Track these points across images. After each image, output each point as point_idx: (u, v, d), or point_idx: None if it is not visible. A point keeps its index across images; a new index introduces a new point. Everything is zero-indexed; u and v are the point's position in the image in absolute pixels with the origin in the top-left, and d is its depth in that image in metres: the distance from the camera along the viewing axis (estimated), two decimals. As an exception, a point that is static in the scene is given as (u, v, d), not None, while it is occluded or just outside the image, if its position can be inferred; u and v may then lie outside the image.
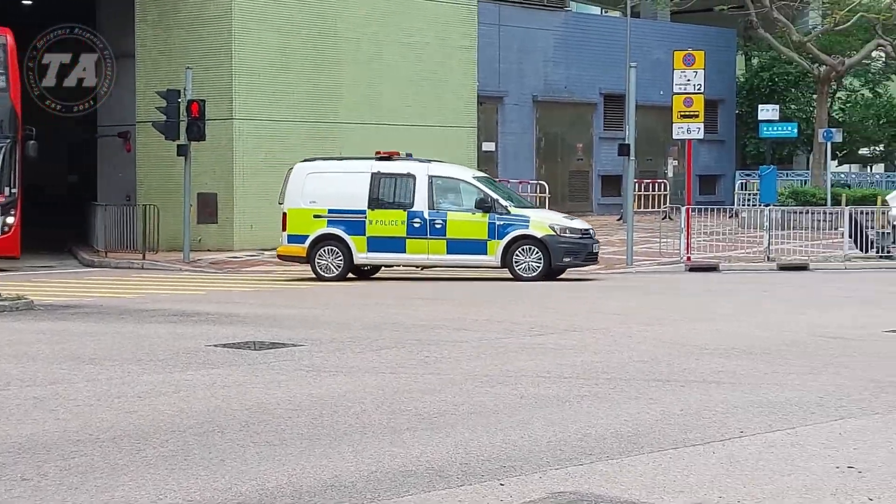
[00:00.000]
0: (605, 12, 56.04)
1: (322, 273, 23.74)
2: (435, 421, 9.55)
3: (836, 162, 61.46)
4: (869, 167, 70.38)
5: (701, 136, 28.81)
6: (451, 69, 34.76)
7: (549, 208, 38.93)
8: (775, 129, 41.64)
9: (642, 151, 43.59)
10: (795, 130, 42.64)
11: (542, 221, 24.12)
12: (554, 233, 23.74)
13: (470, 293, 21.45)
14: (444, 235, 23.71)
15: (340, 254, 23.83)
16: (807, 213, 31.39)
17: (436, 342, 14.02)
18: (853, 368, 12.37)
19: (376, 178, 24.06)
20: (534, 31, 43.71)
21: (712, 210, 31.63)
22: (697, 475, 7.93)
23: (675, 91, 28.08)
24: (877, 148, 62.95)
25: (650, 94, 41.83)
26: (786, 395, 10.79)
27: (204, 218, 30.21)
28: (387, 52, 33.15)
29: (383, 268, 25.00)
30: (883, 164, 69.04)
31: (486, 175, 27.49)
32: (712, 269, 26.77)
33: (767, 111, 40.29)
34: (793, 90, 52.22)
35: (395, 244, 23.81)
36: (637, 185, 40.87)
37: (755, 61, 54.78)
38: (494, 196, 24.18)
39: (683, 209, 28.10)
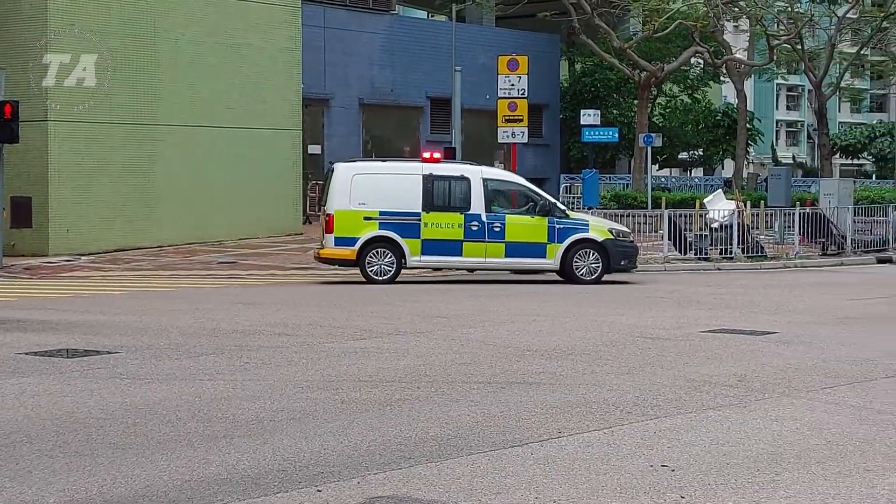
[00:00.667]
0: (432, 16, 56.44)
1: (373, 276, 23.49)
2: (252, 428, 9.36)
3: (656, 166, 62.97)
4: (688, 171, 72.31)
5: (525, 139, 29.15)
6: (274, 71, 34.39)
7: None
8: (597, 133, 42.42)
9: (469, 155, 43.85)
10: (617, 135, 43.51)
11: (601, 226, 24.90)
12: (613, 237, 24.50)
13: (293, 295, 21.18)
14: (503, 239, 23.91)
15: (392, 256, 23.68)
16: (628, 215, 31.97)
17: (256, 347, 13.79)
18: (669, 368, 12.59)
19: (428, 180, 23.92)
20: (359, 33, 43.64)
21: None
22: (515, 476, 7.93)
23: (499, 95, 28.33)
24: (696, 152, 64.67)
25: (477, 99, 42.18)
26: (604, 395, 10.90)
27: (18, 222, 29.21)
28: (208, 53, 32.57)
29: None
30: (702, 168, 71.05)
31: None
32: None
33: (589, 116, 41.01)
34: (615, 95, 53.28)
35: (452, 247, 23.88)
36: (463, 188, 41.17)
37: (578, 67, 55.77)
38: (552, 200, 24.98)
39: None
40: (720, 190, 35.10)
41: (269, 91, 34.19)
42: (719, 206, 30.57)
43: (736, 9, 47.78)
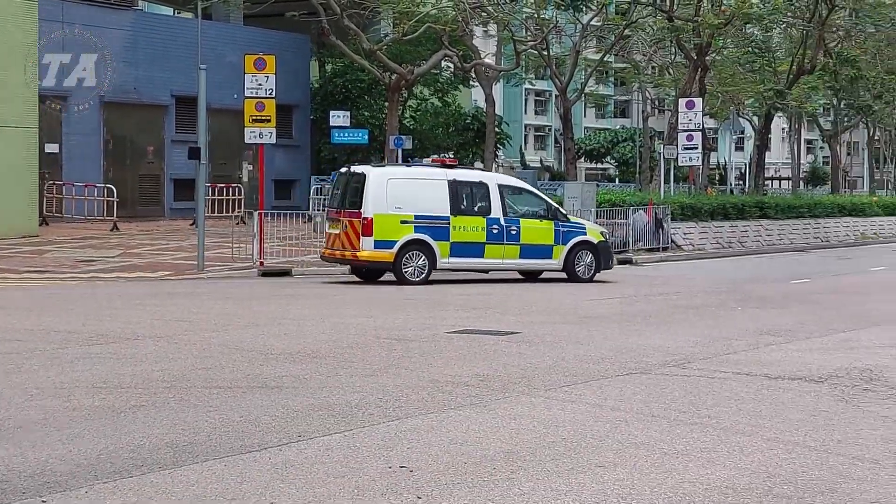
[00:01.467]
0: (178, 13, 55.33)
1: (408, 278, 24.46)
2: (-25, 439, 8.88)
3: (407, 168, 63.49)
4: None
5: (273, 140, 28.77)
6: (9, 67, 33.02)
7: (117, 213, 38.01)
8: (347, 135, 42.43)
9: (217, 155, 43.34)
10: (366, 137, 43.64)
11: (595, 229, 27.57)
12: (603, 239, 27.33)
13: (26, 300, 20.34)
14: (519, 241, 25.78)
15: (425, 259, 24.76)
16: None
17: (-15, 354, 13.14)
18: (413, 369, 12.62)
19: (453, 185, 25.29)
20: (101, 29, 42.32)
21: (287, 215, 31.71)
22: (251, 482, 7.76)
23: (246, 95, 27.92)
24: (446, 155, 65.57)
25: (224, 98, 41.57)
26: (347, 397, 10.83)
27: None
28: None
29: None
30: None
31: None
32: (285, 273, 26.88)
33: (339, 117, 40.97)
34: (366, 97, 53.40)
35: (476, 249, 25.42)
36: (211, 189, 40.51)
37: (329, 68, 55.68)
38: (555, 205, 27.32)
39: (256, 214, 27.98)
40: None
41: (3, 87, 32.81)
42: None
43: (484, 14, 48.60)
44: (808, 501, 7.53)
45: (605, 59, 61.06)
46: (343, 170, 26.89)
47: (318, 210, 38.34)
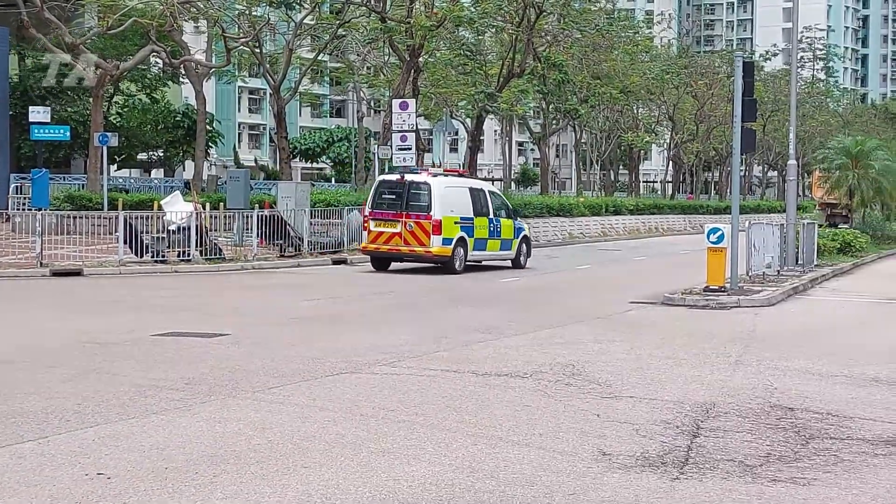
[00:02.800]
0: None
1: (456, 268, 29.59)
2: None
3: (115, 166, 61.78)
4: (149, 172, 71.56)
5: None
6: None
7: None
8: (47, 131, 40.81)
9: None
10: (68, 133, 42.13)
11: (526, 225, 34.04)
12: (528, 234, 34.07)
13: None
14: (500, 237, 31.74)
15: (464, 252, 30.11)
16: (83, 217, 30.98)
17: None
18: (116, 374, 12.19)
19: (470, 191, 31.08)
20: None
21: (-18, 214, 30.25)
22: (-67, 498, 7.27)
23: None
24: (155, 153, 64.10)
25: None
26: (42, 404, 10.34)
27: None
28: None
29: None
30: (162, 170, 70.53)
31: None
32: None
33: (39, 113, 39.31)
34: (69, 93, 51.59)
35: (484, 244, 31.11)
36: None
37: (29, 62, 53.52)
38: (512, 206, 33.82)
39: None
40: (178, 192, 34.81)
41: None
42: (177, 208, 30.29)
43: (194, 9, 47.72)
44: (510, 495, 7.63)
45: (320, 58, 61.01)
46: (387, 177, 31.29)
47: (17, 209, 36.80)
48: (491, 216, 31.28)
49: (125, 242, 28.70)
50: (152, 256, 28.92)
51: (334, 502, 7.36)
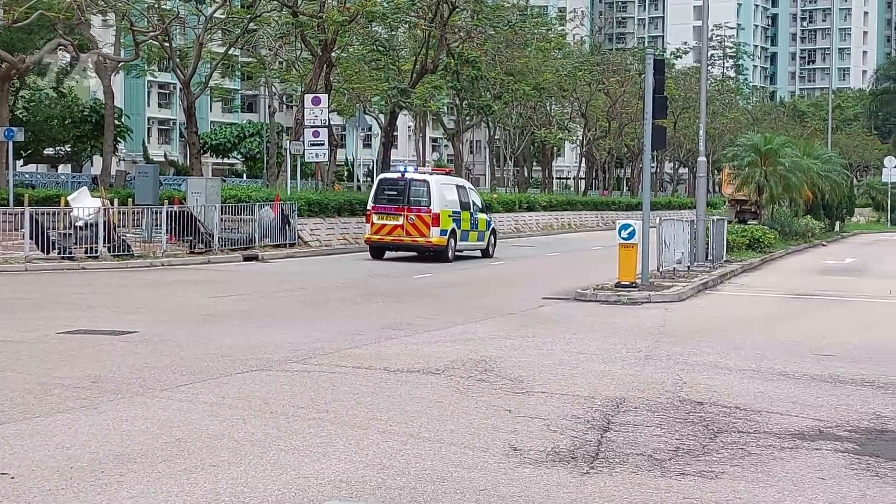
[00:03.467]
0: None
1: (449, 257, 33.58)
2: None
3: (21, 161, 60.73)
4: (56, 167, 70.43)
5: None
6: None
7: None
8: (-51, 125, 39.97)
9: None
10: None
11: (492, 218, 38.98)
12: (496, 227, 38.79)
13: None
14: (477, 229, 35.92)
15: (454, 242, 34.05)
16: (-13, 213, 30.40)
17: None
18: (20, 372, 11.99)
19: (457, 188, 35.33)
20: None
21: None
22: None
23: None
24: (62, 148, 63.09)
25: None
26: (-57, 403, 10.11)
27: None
28: None
29: None
30: (70, 165, 69.49)
31: None
32: None
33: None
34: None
35: (467, 235, 35.12)
36: None
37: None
38: (485, 202, 38.83)
39: None
40: (85, 187, 34.30)
41: None
42: (84, 204, 29.84)
43: (102, 2, 47.01)
44: (420, 491, 7.60)
45: (231, 52, 60.48)
46: (388, 175, 35.43)
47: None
48: (471, 210, 35.41)
49: (31, 239, 28.21)
50: (59, 253, 28.46)
51: (243, 500, 7.28)
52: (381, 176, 36.15)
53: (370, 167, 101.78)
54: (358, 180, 67.45)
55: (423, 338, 15.78)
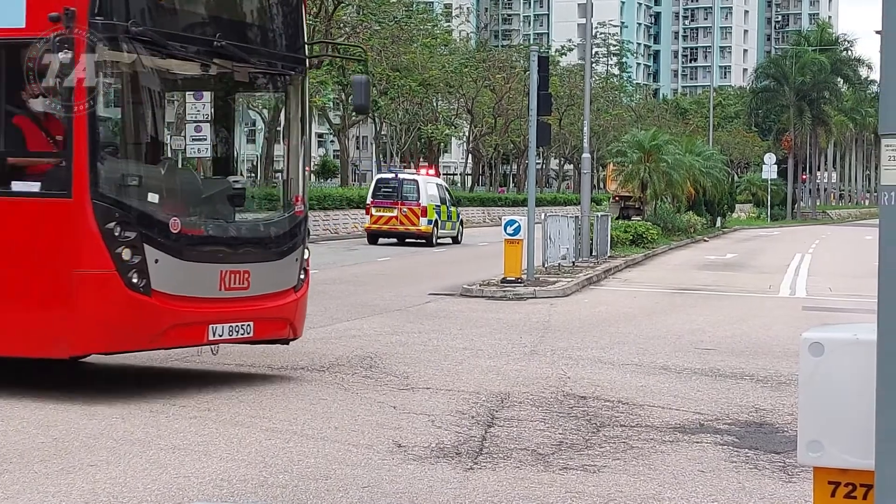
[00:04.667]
0: None
1: (434, 242, 40.45)
2: None
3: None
4: None
5: None
6: None
7: None
8: None
9: None
10: None
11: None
12: (463, 218, 46.34)
13: None
14: (451, 219, 42.72)
15: (436, 230, 40.76)
16: None
17: None
18: None
19: (437, 185, 42.78)
20: None
21: None
22: None
23: None
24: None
25: None
26: None
27: None
28: None
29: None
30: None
31: None
32: None
33: None
34: None
35: (444, 225, 41.68)
36: None
37: None
38: (454, 195, 47.45)
39: None
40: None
41: None
42: None
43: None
44: (303, 489, 7.53)
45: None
46: (384, 176, 43.96)
47: None
48: (447, 204, 42.43)
49: None
50: None
51: (122, 500, 7.14)
52: (378, 176, 44.96)
53: (254, 162, 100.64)
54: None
55: (307, 335, 15.59)
